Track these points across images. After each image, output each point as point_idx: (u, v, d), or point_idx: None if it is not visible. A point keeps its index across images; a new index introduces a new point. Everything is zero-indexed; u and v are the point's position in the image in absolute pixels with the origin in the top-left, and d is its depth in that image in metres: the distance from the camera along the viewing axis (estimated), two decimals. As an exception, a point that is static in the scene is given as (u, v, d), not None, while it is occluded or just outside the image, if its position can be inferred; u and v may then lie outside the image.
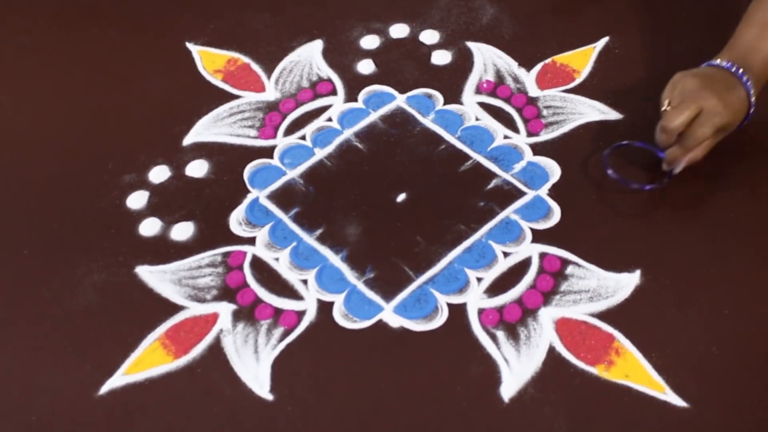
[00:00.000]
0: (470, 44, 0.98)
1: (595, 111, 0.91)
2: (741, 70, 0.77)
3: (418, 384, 0.72)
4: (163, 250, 0.82)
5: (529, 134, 0.89)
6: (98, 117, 0.95)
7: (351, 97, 0.94)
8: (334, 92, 0.95)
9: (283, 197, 0.86)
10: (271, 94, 0.95)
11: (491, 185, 0.85)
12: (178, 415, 0.72)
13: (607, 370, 0.72)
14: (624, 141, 0.84)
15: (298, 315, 0.77)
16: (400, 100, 0.94)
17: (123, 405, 0.73)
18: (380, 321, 0.76)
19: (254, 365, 0.74)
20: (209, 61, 0.99)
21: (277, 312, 0.77)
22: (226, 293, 0.79)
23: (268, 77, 0.97)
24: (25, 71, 1.01)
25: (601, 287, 0.77)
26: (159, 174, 0.89)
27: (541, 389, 0.71)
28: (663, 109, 0.78)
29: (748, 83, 0.76)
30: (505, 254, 0.80)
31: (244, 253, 0.81)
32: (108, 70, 1.00)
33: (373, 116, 0.92)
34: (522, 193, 0.84)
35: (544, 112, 0.91)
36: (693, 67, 0.80)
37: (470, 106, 0.92)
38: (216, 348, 0.75)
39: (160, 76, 0.98)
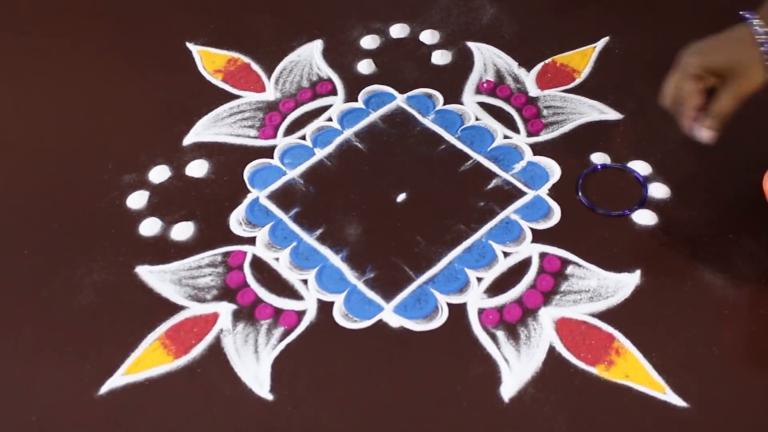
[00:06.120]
0: (470, 44, 0.98)
1: (595, 111, 0.91)
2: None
3: (418, 384, 0.72)
4: (163, 250, 0.82)
5: (529, 134, 0.89)
6: (98, 117, 0.95)
7: (351, 97, 0.94)
8: (334, 92, 0.95)
9: (283, 197, 0.86)
10: (271, 94, 0.95)
11: (491, 185, 0.85)
12: (178, 415, 0.72)
13: (607, 370, 0.72)
14: (598, 164, 0.85)
15: (298, 315, 0.77)
16: (400, 100, 0.94)
17: (123, 405, 0.72)
18: (380, 321, 0.76)
19: (254, 365, 0.74)
20: (209, 61, 0.99)
21: (277, 312, 0.77)
22: (226, 293, 0.79)
23: (268, 77, 0.97)
24: (25, 71, 1.01)
25: (601, 287, 0.77)
26: (159, 174, 0.88)
27: (541, 389, 0.71)
28: None
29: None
30: (505, 254, 0.80)
31: (244, 253, 0.81)
32: (108, 70, 1.00)
33: (373, 116, 0.92)
34: (522, 193, 0.84)
35: (544, 112, 0.91)
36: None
37: (470, 105, 0.92)
38: (216, 348, 0.75)
39: (160, 76, 0.98)
